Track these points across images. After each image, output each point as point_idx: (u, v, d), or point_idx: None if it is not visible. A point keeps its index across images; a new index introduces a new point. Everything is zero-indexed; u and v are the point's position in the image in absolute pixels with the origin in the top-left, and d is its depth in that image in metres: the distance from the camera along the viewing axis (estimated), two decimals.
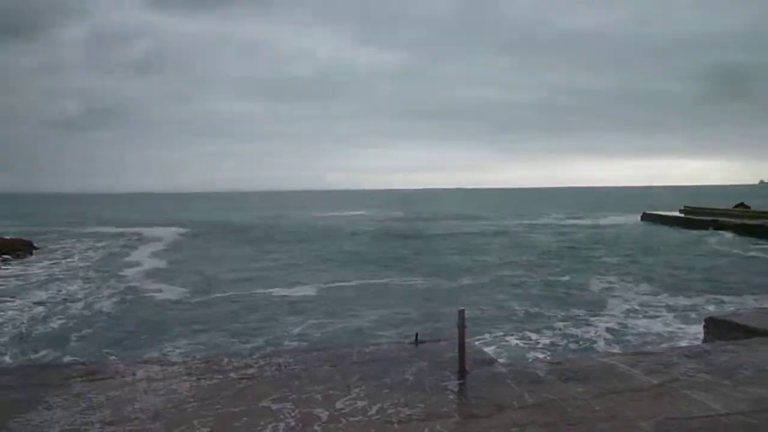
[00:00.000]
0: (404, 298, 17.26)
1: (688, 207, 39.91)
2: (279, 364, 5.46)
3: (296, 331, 13.76)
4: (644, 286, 16.87)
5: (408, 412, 4.25)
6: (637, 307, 13.95)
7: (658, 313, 13.19)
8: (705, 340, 7.71)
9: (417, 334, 6.24)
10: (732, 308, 12.62)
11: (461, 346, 5.05)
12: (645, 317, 12.93)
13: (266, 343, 12.54)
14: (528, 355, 9.74)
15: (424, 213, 77.51)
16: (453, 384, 4.89)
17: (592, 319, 12.89)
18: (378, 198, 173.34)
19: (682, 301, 14.44)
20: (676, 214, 38.60)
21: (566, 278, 19.25)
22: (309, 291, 19.57)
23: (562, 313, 13.46)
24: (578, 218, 56.26)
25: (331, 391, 4.70)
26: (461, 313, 4.98)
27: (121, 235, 46.26)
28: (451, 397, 4.61)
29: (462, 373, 5.06)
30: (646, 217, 42.68)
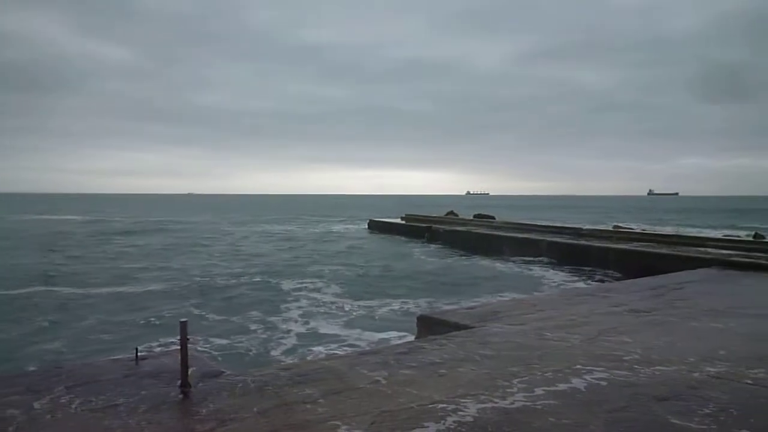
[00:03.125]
0: (113, 306, 15.27)
1: (409, 215, 43.69)
2: None
3: None
4: (356, 291, 17.21)
5: None
6: (341, 312, 14.10)
7: (371, 314, 13.81)
8: (417, 337, 8.46)
9: (137, 349, 5.82)
10: (441, 307, 14.04)
11: (184, 359, 4.81)
12: (357, 319, 13.36)
13: None
14: (254, 363, 9.62)
15: (139, 218, 72.49)
16: (174, 400, 4.65)
17: (300, 323, 12.81)
18: (96, 202, 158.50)
19: (393, 303, 15.23)
20: (398, 221, 42.03)
21: (279, 284, 18.51)
22: None
23: (272, 318, 13.20)
24: (307, 225, 56.96)
25: (31, 415, 4.17)
26: (183, 325, 4.75)
27: None
28: (171, 414, 4.37)
29: (185, 388, 4.84)
30: (372, 224, 45.73)
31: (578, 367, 5.65)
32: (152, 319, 13.51)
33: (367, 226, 47.31)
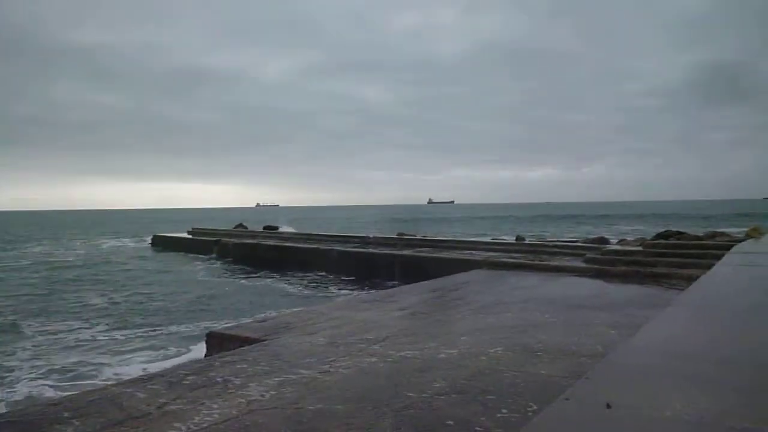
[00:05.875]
0: None
1: (195, 228, 42.05)
2: None
3: None
4: (131, 316, 15.19)
5: None
6: (115, 340, 12.55)
7: (149, 340, 12.64)
8: (207, 355, 8.16)
9: None
10: (229, 323, 13.54)
11: None
12: (133, 346, 12.23)
13: None
14: (12, 403, 8.46)
15: None
16: None
17: (59, 356, 11.15)
18: None
19: (176, 326, 14.10)
20: (185, 235, 40.21)
21: (31, 315, 15.98)
22: None
23: (23, 355, 11.39)
24: (77, 244, 50.09)
25: None
26: None
27: None
28: None
29: None
30: (156, 240, 43.20)
31: (365, 366, 5.88)
32: None
33: (150, 243, 44.56)
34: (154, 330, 13.79)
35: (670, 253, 14.86)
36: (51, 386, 9.48)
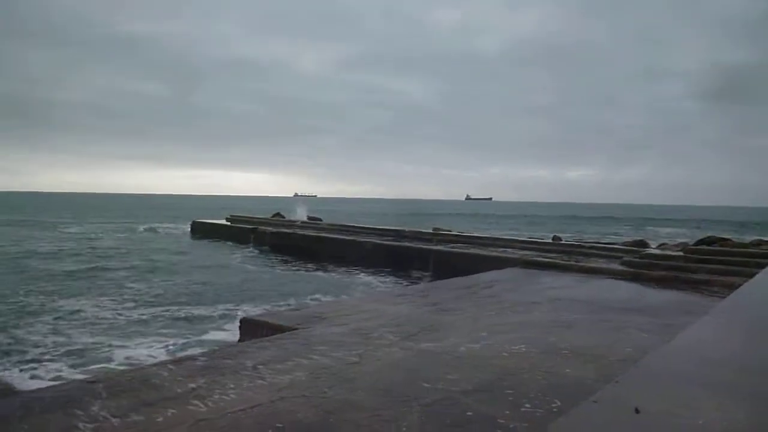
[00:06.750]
0: None
1: (233, 216, 42.60)
2: None
3: None
4: (164, 302, 15.73)
5: None
6: (154, 321, 12.85)
7: (188, 322, 12.93)
8: (240, 340, 8.31)
9: None
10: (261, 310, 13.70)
11: None
12: (173, 327, 12.55)
13: None
14: (50, 378, 8.70)
15: None
16: None
17: (102, 335, 11.50)
18: None
19: (207, 312, 14.31)
20: (223, 222, 40.81)
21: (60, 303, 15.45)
22: None
23: (74, 331, 11.77)
24: (113, 226, 50.99)
25: None
26: None
27: None
28: None
29: None
30: (195, 226, 43.91)
31: (393, 359, 5.90)
32: None
33: (189, 228, 45.31)
34: (187, 314, 14.06)
35: (713, 259, 14.47)
36: (75, 365, 9.72)
